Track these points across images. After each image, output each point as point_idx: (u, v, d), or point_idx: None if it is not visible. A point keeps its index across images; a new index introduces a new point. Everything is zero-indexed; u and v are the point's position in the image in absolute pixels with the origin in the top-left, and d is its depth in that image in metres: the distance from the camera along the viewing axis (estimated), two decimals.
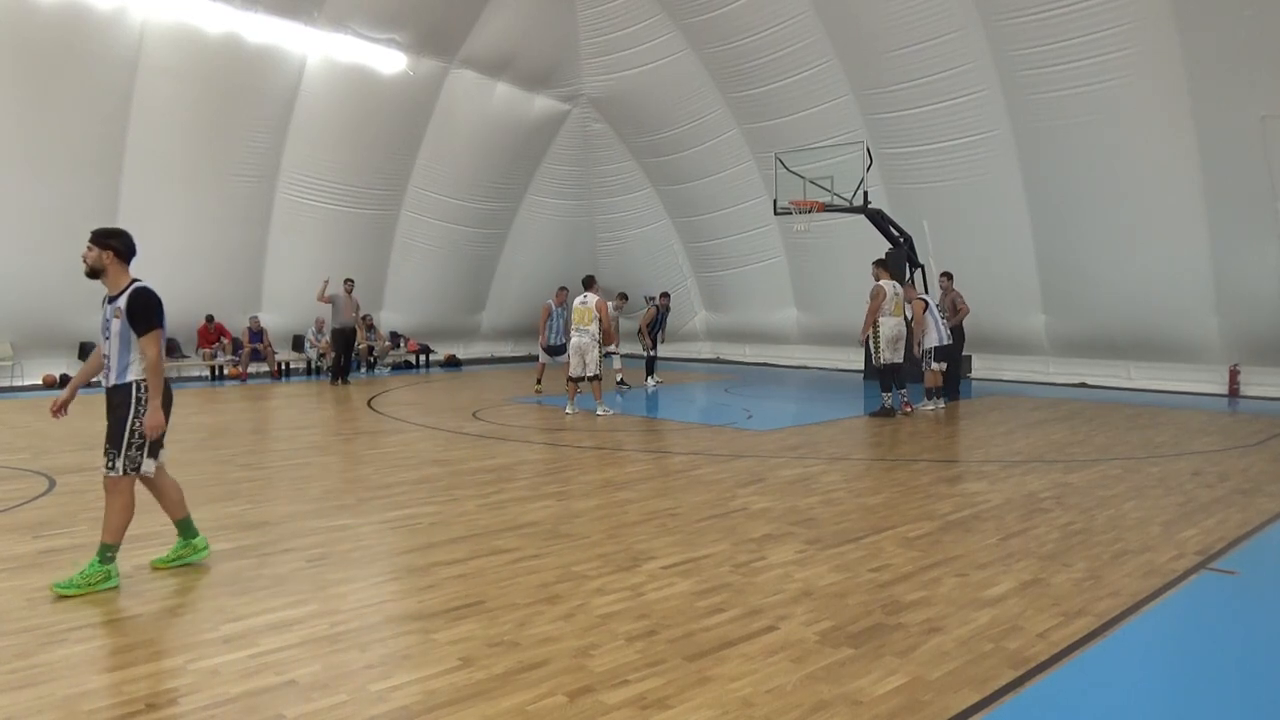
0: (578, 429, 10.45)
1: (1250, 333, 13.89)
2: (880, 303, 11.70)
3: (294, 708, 3.16)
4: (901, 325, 11.98)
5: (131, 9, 14.17)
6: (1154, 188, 13.81)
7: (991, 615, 4.15)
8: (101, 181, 14.89)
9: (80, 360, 15.73)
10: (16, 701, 3.21)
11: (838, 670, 3.52)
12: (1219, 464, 8.25)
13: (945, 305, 13.43)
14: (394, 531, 5.72)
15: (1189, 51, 12.56)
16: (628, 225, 22.76)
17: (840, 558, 5.12)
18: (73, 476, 7.48)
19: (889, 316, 11.80)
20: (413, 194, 19.11)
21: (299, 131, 16.77)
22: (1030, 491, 6.99)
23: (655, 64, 19.00)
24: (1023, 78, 14.30)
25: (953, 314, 13.34)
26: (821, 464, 8.16)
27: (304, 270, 17.33)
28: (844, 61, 16.35)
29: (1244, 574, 4.91)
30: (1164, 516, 6.16)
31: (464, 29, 17.87)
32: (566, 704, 3.21)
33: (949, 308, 13.40)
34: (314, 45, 16.35)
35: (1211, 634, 4.06)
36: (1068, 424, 10.99)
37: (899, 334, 11.90)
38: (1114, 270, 14.62)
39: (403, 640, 3.84)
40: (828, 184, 15.93)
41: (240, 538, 5.51)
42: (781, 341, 20.83)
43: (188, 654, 3.65)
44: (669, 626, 3.98)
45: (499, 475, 7.60)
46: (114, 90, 14.48)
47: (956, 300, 13.47)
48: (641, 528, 5.78)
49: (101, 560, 4.48)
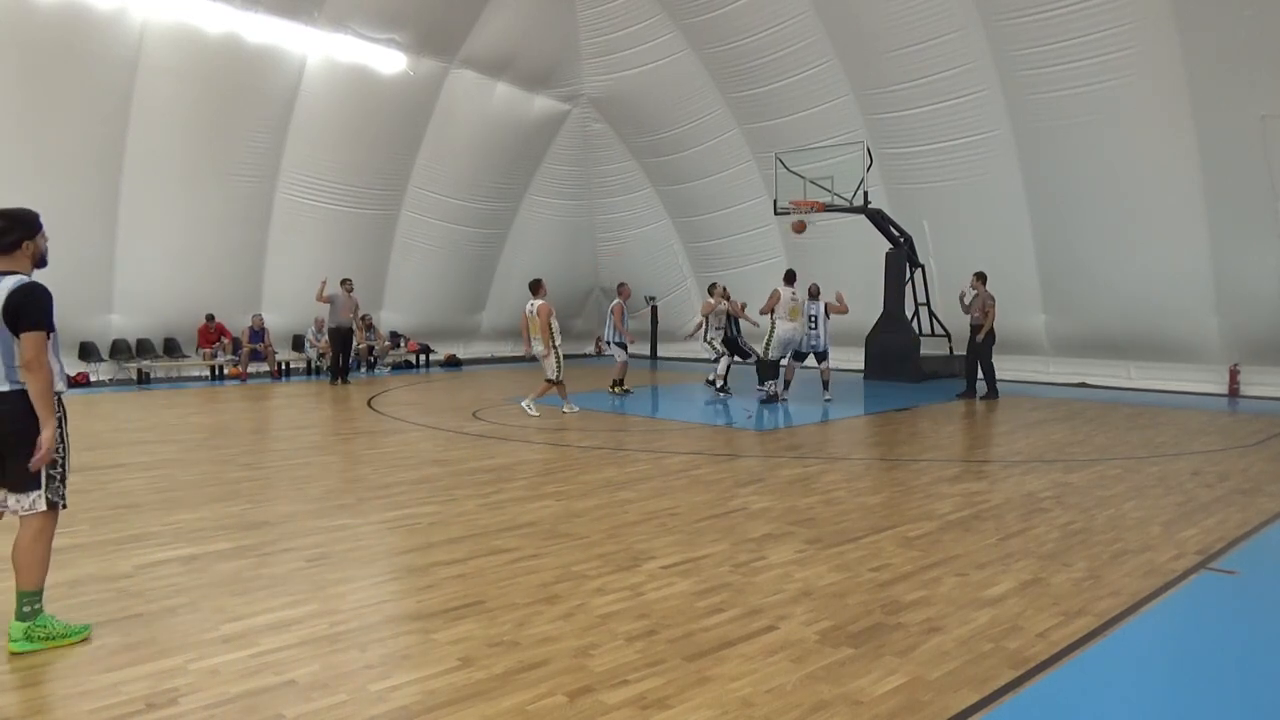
0: (577, 429, 10.44)
1: (1250, 333, 13.89)
2: (773, 304, 12.82)
3: (294, 708, 3.16)
4: (797, 330, 12.87)
5: (131, 9, 14.17)
6: (1154, 188, 13.82)
7: (991, 615, 4.15)
8: (101, 181, 14.90)
9: (80, 360, 15.73)
10: (17, 701, 3.21)
11: (837, 670, 3.52)
12: (1219, 464, 8.25)
13: (976, 306, 13.37)
14: (393, 531, 5.72)
15: (1189, 51, 12.56)
16: (628, 225, 22.77)
17: (840, 557, 5.11)
18: (72, 476, 7.46)
19: (786, 321, 12.80)
20: (413, 194, 19.12)
21: (299, 131, 16.77)
22: (1030, 491, 6.99)
23: (655, 64, 19.01)
24: (1023, 78, 14.31)
25: (982, 315, 13.28)
26: (821, 464, 8.16)
27: (304, 270, 17.34)
28: (844, 61, 16.36)
29: (1244, 574, 4.91)
30: (1164, 516, 6.16)
31: (464, 29, 17.89)
32: (566, 704, 3.21)
33: (978, 309, 13.33)
34: (314, 45, 16.35)
35: (1211, 634, 4.06)
36: (1068, 424, 10.98)
37: (792, 338, 12.90)
38: (1114, 270, 14.63)
39: (402, 640, 3.84)
40: (828, 184, 15.94)
41: (240, 538, 5.51)
42: None
43: (188, 654, 3.65)
44: (669, 626, 3.98)
45: (499, 475, 7.60)
46: (114, 90, 14.49)
47: (986, 302, 13.33)
48: (641, 527, 5.78)
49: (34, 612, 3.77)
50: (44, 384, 3.70)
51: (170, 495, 6.65)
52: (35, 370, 3.68)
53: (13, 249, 3.80)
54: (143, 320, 16.22)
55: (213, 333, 16.95)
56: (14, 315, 3.66)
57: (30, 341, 3.66)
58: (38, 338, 3.68)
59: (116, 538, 5.49)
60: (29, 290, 3.70)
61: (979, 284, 13.48)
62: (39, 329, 3.69)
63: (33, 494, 3.77)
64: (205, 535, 5.54)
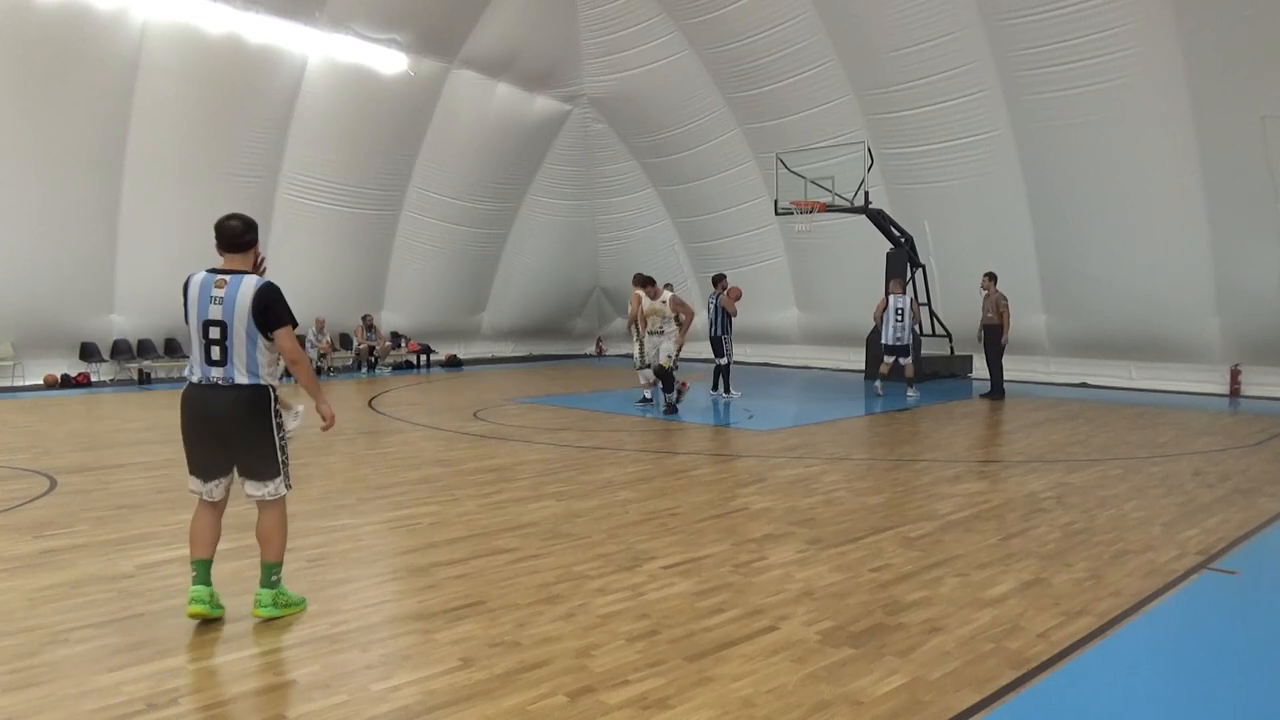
0: (577, 429, 10.44)
1: (1251, 333, 13.88)
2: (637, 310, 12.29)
3: (294, 708, 3.16)
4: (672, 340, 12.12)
5: (132, 9, 14.18)
6: (1154, 188, 13.81)
7: (992, 615, 4.15)
8: (102, 181, 14.91)
9: (81, 360, 15.74)
10: (17, 701, 3.21)
11: (838, 670, 3.52)
12: (1220, 464, 8.24)
13: (989, 307, 13.37)
14: (394, 532, 5.72)
15: (1189, 51, 12.56)
16: (629, 226, 22.77)
17: (841, 558, 5.11)
18: (73, 477, 7.48)
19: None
20: (413, 194, 19.12)
21: (299, 132, 16.77)
22: (1031, 491, 6.98)
23: (656, 64, 19.02)
24: (1023, 78, 14.30)
25: (997, 315, 13.28)
26: (822, 464, 8.16)
27: (305, 270, 17.32)
28: (845, 62, 16.36)
29: (1245, 574, 4.91)
30: (1165, 516, 6.16)
31: (465, 29, 17.88)
32: (567, 704, 3.20)
33: (991, 309, 13.33)
34: (315, 46, 16.35)
35: (1212, 634, 4.06)
36: (1068, 424, 10.98)
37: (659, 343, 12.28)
38: (1115, 270, 14.62)
39: (403, 640, 3.84)
40: (829, 184, 15.94)
41: (240, 538, 5.50)
42: (782, 341, 20.84)
43: (188, 654, 3.65)
44: (670, 626, 3.97)
45: (499, 475, 7.60)
46: (114, 90, 14.49)
47: (1000, 302, 13.32)
48: (642, 528, 5.78)
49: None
50: (308, 368, 4.21)
51: (171, 495, 6.65)
52: (299, 359, 4.10)
53: (247, 249, 4.14)
54: (143, 320, 16.22)
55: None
56: (263, 312, 3.95)
57: (287, 335, 4.02)
58: (291, 332, 4.06)
59: (118, 538, 5.49)
60: (274, 289, 4.02)
61: (990, 284, 13.48)
62: (289, 323, 4.04)
63: (275, 481, 4.10)
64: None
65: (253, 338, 3.95)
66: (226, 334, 3.92)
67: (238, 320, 3.91)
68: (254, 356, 3.97)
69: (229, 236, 4.08)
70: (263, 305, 3.94)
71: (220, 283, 3.97)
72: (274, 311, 3.97)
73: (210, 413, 3.98)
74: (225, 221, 4.09)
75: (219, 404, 3.96)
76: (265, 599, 4.04)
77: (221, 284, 3.96)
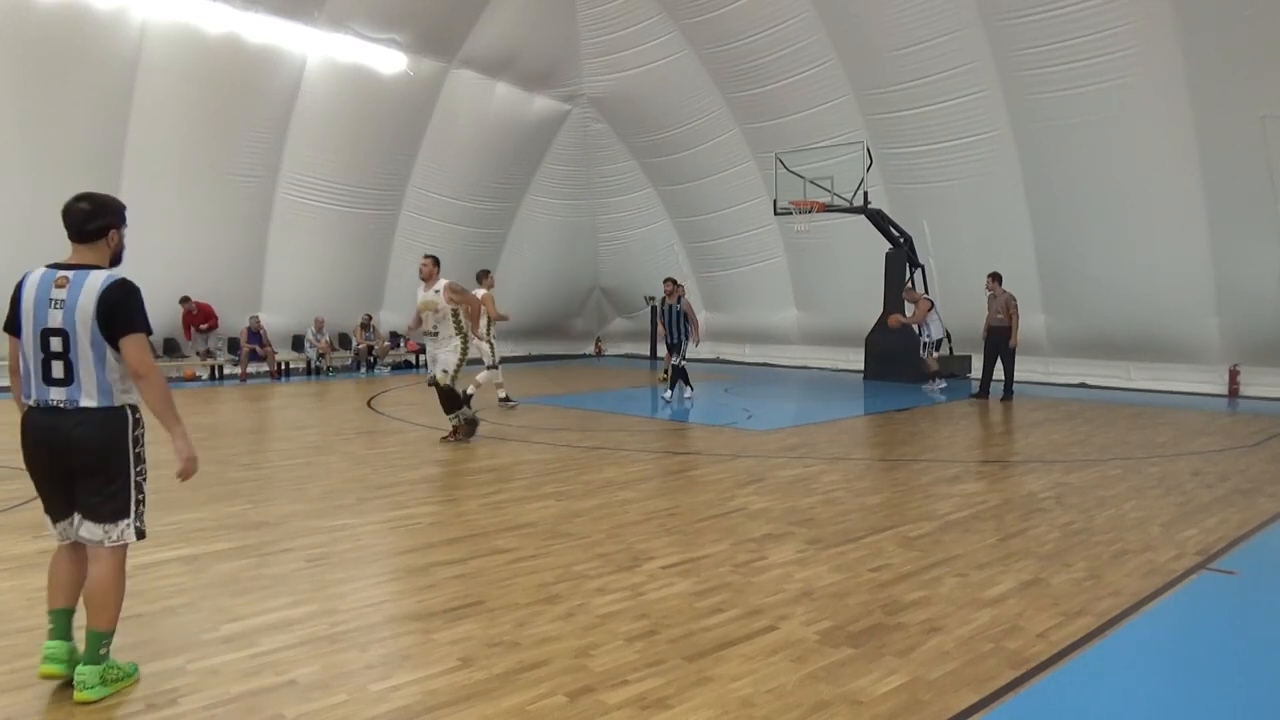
0: (577, 428, 10.45)
1: (1250, 333, 13.89)
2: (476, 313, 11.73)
3: (294, 708, 3.16)
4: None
5: (131, 9, 14.17)
6: (1154, 188, 13.81)
7: (991, 615, 4.15)
8: (101, 181, 14.69)
9: None
10: (16, 701, 3.21)
11: (838, 670, 3.52)
12: (1219, 464, 8.25)
13: (998, 308, 13.26)
14: (393, 531, 5.72)
15: (1189, 51, 12.56)
16: (628, 225, 22.77)
17: (840, 558, 5.11)
18: None
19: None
20: (413, 194, 19.11)
21: (299, 131, 16.76)
22: (1030, 491, 6.99)
23: (656, 64, 19.01)
24: (1023, 78, 14.31)
25: (1006, 316, 13.16)
26: (821, 464, 8.16)
27: (304, 270, 17.33)
28: (844, 62, 16.36)
29: (1244, 574, 4.91)
30: (1164, 516, 6.16)
31: (464, 29, 17.88)
32: (566, 704, 3.21)
33: (1000, 309, 13.22)
34: (314, 45, 16.35)
35: (1211, 634, 4.06)
36: (1068, 424, 10.98)
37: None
38: (1114, 270, 14.62)
39: (402, 640, 3.84)
40: (828, 184, 15.94)
41: (240, 538, 5.51)
42: (782, 341, 20.84)
43: (188, 654, 3.65)
44: (669, 626, 3.98)
45: (499, 475, 7.60)
46: (114, 90, 14.48)
47: (1009, 303, 13.20)
48: (641, 527, 5.78)
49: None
50: (161, 389, 3.31)
51: (170, 495, 6.64)
52: (148, 375, 3.27)
53: (96, 238, 3.30)
54: None
55: (195, 315, 16.32)
56: (109, 317, 3.19)
57: (135, 346, 3.24)
58: (141, 341, 3.27)
59: None
60: (126, 288, 3.24)
61: (995, 284, 13.44)
62: (141, 330, 3.27)
63: (123, 523, 3.36)
64: (205, 535, 5.55)
65: (99, 349, 3.19)
66: (69, 345, 3.17)
67: (80, 327, 3.16)
68: (102, 373, 3.22)
69: (75, 221, 3.26)
70: (108, 307, 3.17)
71: (62, 281, 3.19)
72: (122, 315, 3.19)
73: (52, 443, 3.23)
74: (72, 203, 3.26)
75: (61, 432, 3.21)
76: (90, 678, 3.17)
77: (63, 283, 3.18)
